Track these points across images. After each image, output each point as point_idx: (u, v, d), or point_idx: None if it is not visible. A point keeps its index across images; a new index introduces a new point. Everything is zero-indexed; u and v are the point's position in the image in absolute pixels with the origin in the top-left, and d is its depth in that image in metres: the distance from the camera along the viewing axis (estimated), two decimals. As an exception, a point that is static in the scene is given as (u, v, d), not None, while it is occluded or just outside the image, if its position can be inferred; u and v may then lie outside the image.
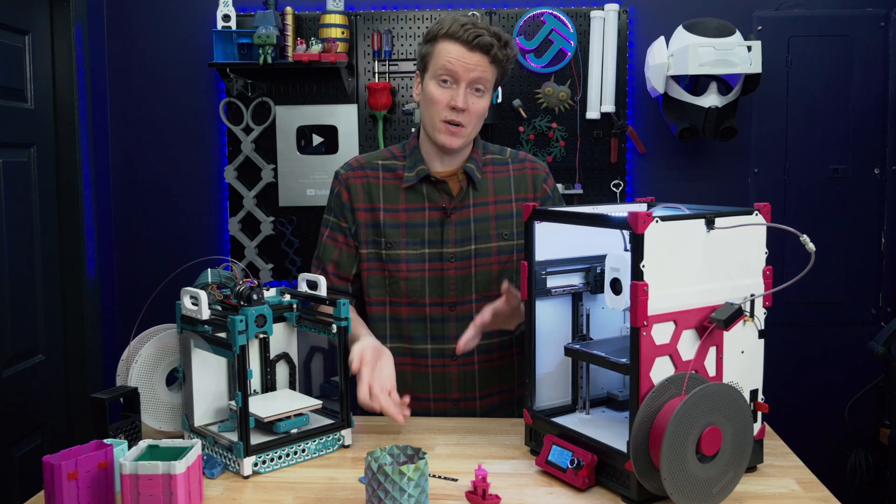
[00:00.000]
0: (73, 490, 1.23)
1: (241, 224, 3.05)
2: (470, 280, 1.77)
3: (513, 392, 1.84)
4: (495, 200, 1.80)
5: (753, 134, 3.00)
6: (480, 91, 1.70)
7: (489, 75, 1.70)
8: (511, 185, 1.82)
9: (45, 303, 2.66)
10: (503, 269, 1.79)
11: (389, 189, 1.79)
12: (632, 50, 2.97)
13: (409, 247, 1.76)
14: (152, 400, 1.58)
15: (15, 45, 2.54)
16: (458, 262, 1.76)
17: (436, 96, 1.69)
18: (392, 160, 1.83)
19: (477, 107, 1.70)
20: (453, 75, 1.67)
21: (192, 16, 3.05)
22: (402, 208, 1.78)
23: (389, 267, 1.77)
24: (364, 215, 1.79)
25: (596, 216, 1.37)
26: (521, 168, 1.84)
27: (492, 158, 1.84)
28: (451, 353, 1.77)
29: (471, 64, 1.67)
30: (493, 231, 1.78)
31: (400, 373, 1.78)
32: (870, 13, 2.93)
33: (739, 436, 1.25)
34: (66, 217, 2.78)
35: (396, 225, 1.77)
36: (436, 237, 1.76)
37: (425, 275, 1.76)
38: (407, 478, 1.18)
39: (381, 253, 1.78)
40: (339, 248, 1.81)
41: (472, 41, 1.66)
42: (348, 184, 1.81)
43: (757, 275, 1.37)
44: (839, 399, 3.02)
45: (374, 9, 3.00)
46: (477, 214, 1.78)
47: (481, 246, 1.77)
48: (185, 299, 1.47)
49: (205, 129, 3.10)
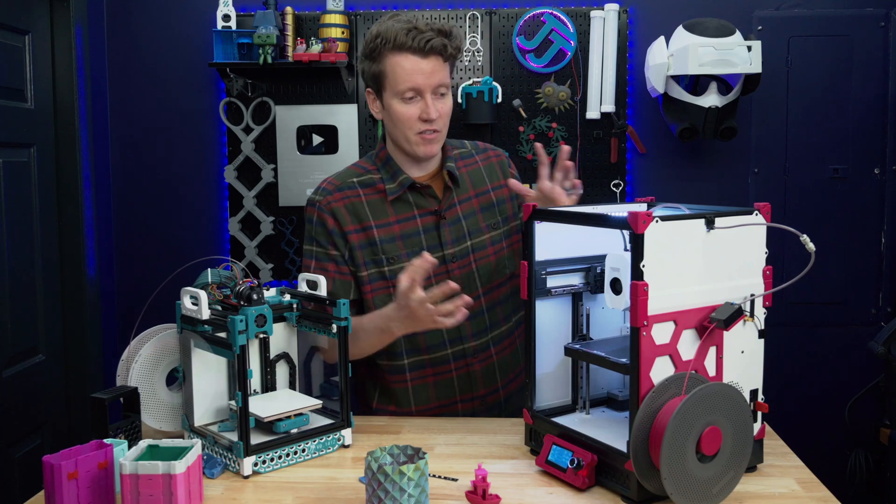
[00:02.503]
0: (73, 490, 1.23)
1: (241, 224, 3.05)
2: (473, 276, 1.77)
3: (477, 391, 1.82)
4: (476, 194, 1.81)
5: (753, 134, 3.00)
6: (443, 92, 1.69)
7: (446, 74, 1.69)
8: (484, 175, 1.84)
9: (45, 303, 2.66)
10: (499, 257, 1.80)
11: (375, 204, 1.73)
12: (632, 50, 2.97)
13: (411, 257, 1.65)
14: (152, 400, 1.58)
15: (15, 45, 2.54)
16: (459, 261, 1.76)
17: (404, 114, 1.66)
18: (367, 175, 1.77)
19: (445, 108, 1.69)
20: (416, 90, 1.65)
21: (192, 16, 3.04)
22: (392, 221, 1.73)
23: (395, 283, 1.66)
24: (356, 237, 1.72)
25: (596, 216, 1.37)
26: (486, 158, 1.87)
27: (459, 153, 1.84)
28: (471, 352, 1.76)
29: (428, 71, 1.64)
30: (483, 223, 1.80)
31: (422, 386, 1.77)
32: (870, 13, 2.93)
33: (739, 436, 1.25)
34: (66, 217, 2.78)
35: (392, 238, 1.73)
36: (433, 241, 1.74)
37: (432, 281, 1.68)
38: (407, 478, 1.18)
39: (383, 271, 1.72)
40: (331, 277, 1.70)
41: (423, 48, 1.62)
42: (331, 209, 1.73)
43: (757, 275, 1.37)
44: (839, 399, 3.02)
45: (374, 9, 3.00)
46: (464, 211, 1.79)
47: (476, 240, 1.78)
48: (185, 299, 1.47)
49: (205, 129, 3.10)
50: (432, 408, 1.79)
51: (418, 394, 1.78)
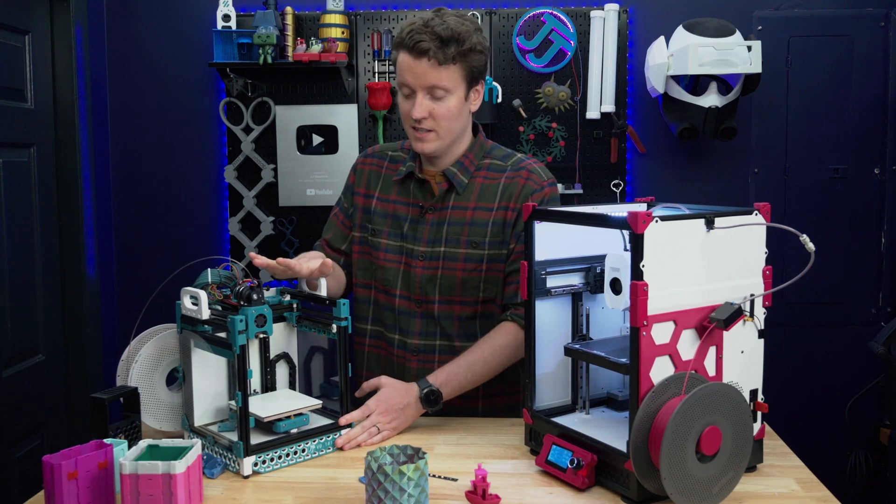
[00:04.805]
0: (73, 490, 1.23)
1: (241, 224, 3.05)
2: (434, 281, 1.77)
3: (517, 394, 1.82)
4: (475, 207, 1.77)
5: (753, 134, 3.00)
6: (440, 95, 1.66)
7: (443, 78, 1.64)
8: (498, 192, 1.77)
9: (45, 303, 2.66)
10: (468, 276, 1.76)
11: (387, 179, 1.85)
12: (632, 50, 2.97)
13: (391, 237, 1.81)
14: (152, 400, 1.58)
15: (15, 45, 2.54)
16: (425, 261, 1.77)
17: (401, 108, 1.74)
18: (399, 153, 1.88)
19: (440, 111, 1.67)
20: (409, 86, 1.68)
21: (192, 16, 3.04)
22: (392, 199, 1.83)
23: (372, 252, 1.84)
24: (361, 200, 1.87)
25: (596, 216, 1.37)
26: (514, 176, 1.77)
27: (489, 164, 1.80)
28: (413, 349, 1.80)
29: (419, 72, 1.64)
30: (465, 237, 1.76)
31: (376, 355, 1.88)
32: (870, 13, 2.93)
33: (739, 436, 1.25)
34: (66, 217, 2.78)
35: (384, 214, 1.83)
36: (411, 233, 1.79)
37: (400, 267, 1.80)
38: (407, 478, 1.18)
39: (367, 238, 1.85)
40: (337, 224, 1.90)
41: (413, 48, 1.63)
42: (357, 169, 1.90)
43: (757, 275, 1.37)
44: (839, 399, 3.02)
45: (374, 9, 3.00)
46: (452, 218, 1.77)
47: (450, 250, 1.76)
48: (185, 299, 1.47)
49: (205, 129, 3.10)
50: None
51: (371, 361, 1.87)
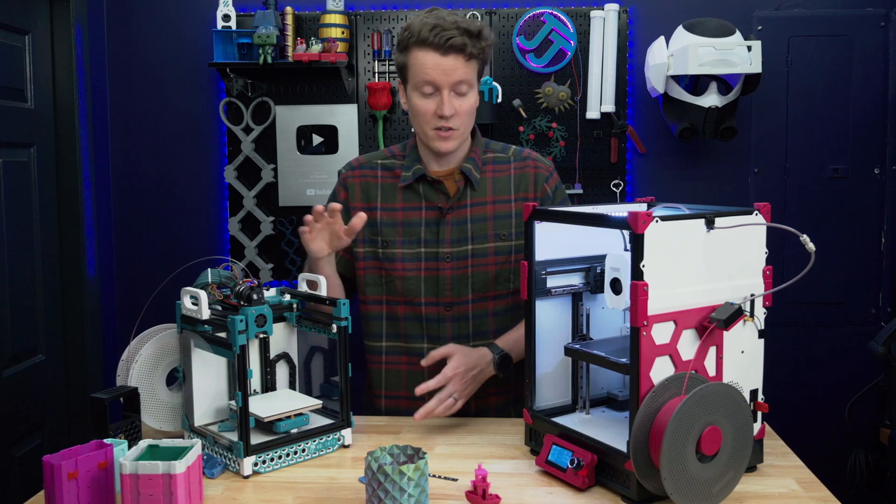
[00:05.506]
0: (73, 490, 1.23)
1: (241, 224, 3.05)
2: (466, 280, 1.77)
3: (509, 393, 1.83)
4: (494, 200, 1.79)
5: (753, 134, 3.00)
6: (464, 91, 1.69)
7: (469, 73, 1.68)
8: (511, 184, 1.81)
9: (45, 303, 2.66)
10: (500, 269, 1.78)
11: (387, 188, 1.81)
12: (632, 50, 2.97)
13: (405, 246, 1.77)
14: (152, 400, 1.58)
15: (15, 45, 2.54)
16: (453, 262, 1.76)
17: (421, 107, 1.69)
18: (391, 159, 1.84)
19: (464, 107, 1.70)
20: (433, 84, 1.67)
21: (192, 16, 3.04)
22: (398, 207, 1.79)
23: (386, 266, 1.78)
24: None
25: (596, 216, 1.37)
26: (522, 167, 1.82)
27: (493, 157, 1.83)
28: None
29: (448, 68, 1.65)
30: (491, 231, 1.78)
31: (395, 372, 1.81)
32: (870, 13, 2.93)
33: (739, 436, 1.25)
34: (66, 217, 2.78)
35: (393, 224, 1.78)
36: (432, 237, 1.77)
37: (421, 274, 1.77)
38: (407, 478, 1.18)
39: (377, 252, 1.79)
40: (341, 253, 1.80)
41: (444, 45, 1.64)
42: (347, 183, 1.84)
43: (757, 275, 1.37)
44: (839, 399, 3.02)
45: (374, 9, 3.00)
46: (474, 214, 1.78)
47: (478, 246, 1.77)
48: (185, 299, 1.47)
49: (205, 129, 3.10)
50: (401, 396, 1.79)
51: (390, 378, 1.82)
